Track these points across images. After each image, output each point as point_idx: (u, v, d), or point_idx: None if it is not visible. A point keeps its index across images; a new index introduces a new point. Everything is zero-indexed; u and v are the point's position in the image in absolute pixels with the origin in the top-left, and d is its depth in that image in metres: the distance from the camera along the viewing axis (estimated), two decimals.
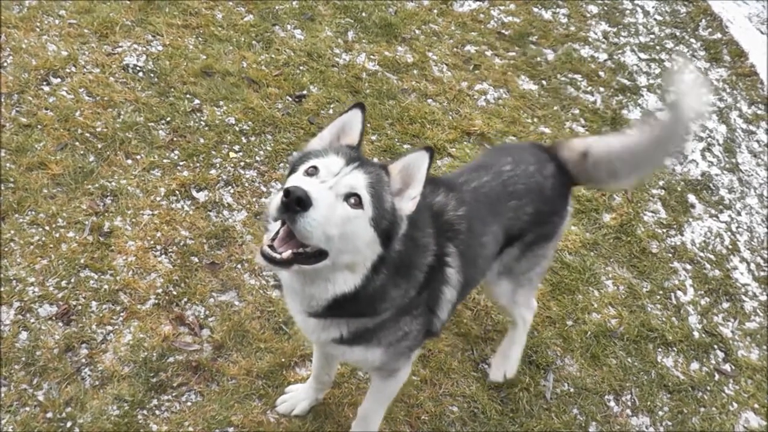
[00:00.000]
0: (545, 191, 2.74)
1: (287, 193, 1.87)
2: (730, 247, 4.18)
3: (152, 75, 4.22)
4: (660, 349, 3.62)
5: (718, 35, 5.53)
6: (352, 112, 2.24)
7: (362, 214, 2.03)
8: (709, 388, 3.53)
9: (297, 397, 3.04)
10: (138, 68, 4.24)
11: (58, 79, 4.09)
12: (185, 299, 3.31)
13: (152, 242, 3.49)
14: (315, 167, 2.04)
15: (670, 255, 4.04)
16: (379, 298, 2.21)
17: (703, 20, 5.64)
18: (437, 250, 2.34)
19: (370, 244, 2.08)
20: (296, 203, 1.87)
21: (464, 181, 2.63)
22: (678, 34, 5.49)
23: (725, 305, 3.89)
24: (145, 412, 2.94)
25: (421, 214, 2.24)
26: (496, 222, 2.64)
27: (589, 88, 4.85)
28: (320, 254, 2.01)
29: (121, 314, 3.20)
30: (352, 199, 2.01)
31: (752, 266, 4.11)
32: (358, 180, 2.03)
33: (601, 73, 4.97)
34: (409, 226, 2.17)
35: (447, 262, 2.42)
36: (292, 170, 2.16)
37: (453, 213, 2.48)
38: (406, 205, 2.13)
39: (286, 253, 1.97)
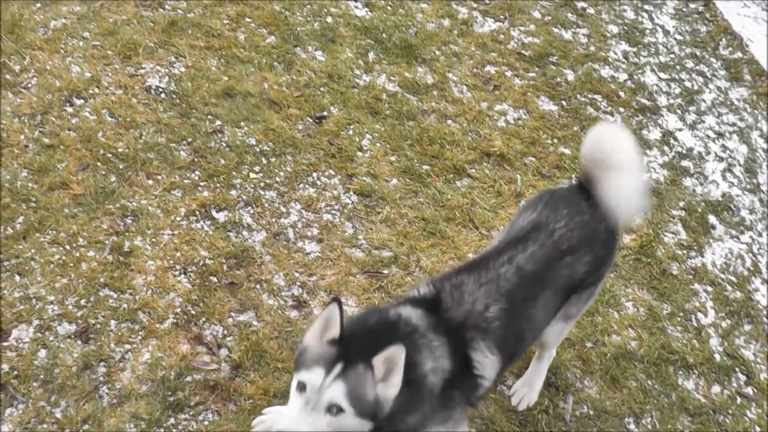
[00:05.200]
0: (600, 236, 2.79)
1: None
2: (751, 268, 4.13)
3: (174, 96, 4.28)
4: (681, 372, 3.58)
5: (739, 54, 5.50)
6: (330, 307, 2.37)
7: (345, 415, 2.28)
8: (731, 411, 3.48)
9: (277, 415, 3.02)
10: (160, 89, 4.29)
11: (81, 100, 4.15)
12: (204, 319, 3.33)
13: (172, 262, 3.52)
14: (303, 384, 2.30)
15: (691, 276, 4.01)
16: None
17: (723, 39, 5.61)
18: (457, 364, 2.48)
19: (359, 426, 2.32)
20: None
21: (507, 260, 2.65)
22: (698, 53, 5.46)
23: (747, 327, 3.84)
24: (162, 430, 2.96)
25: (419, 354, 2.43)
26: (548, 288, 2.69)
27: (609, 108, 4.84)
28: None
29: (140, 333, 3.23)
30: (334, 408, 2.26)
31: None
32: (337, 392, 2.26)
33: (621, 94, 4.96)
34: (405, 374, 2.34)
35: (475, 365, 2.53)
36: (296, 366, 2.40)
37: (480, 316, 2.55)
38: (390, 390, 2.31)
39: None
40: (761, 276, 4.11)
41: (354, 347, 2.31)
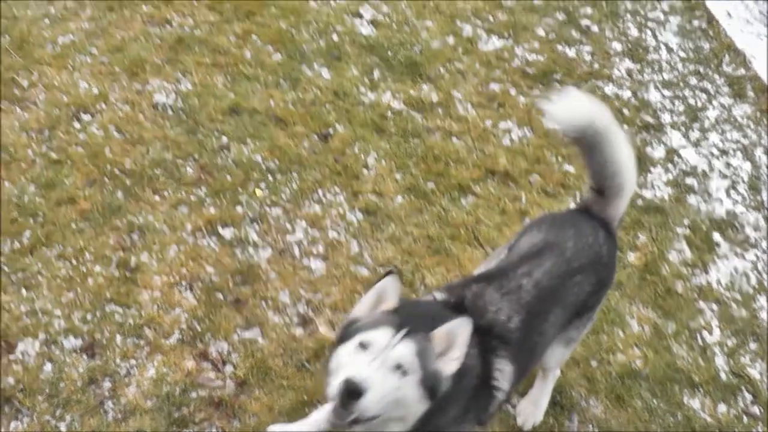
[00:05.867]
0: (603, 258, 2.81)
1: (342, 385, 2.12)
2: (756, 286, 4.13)
3: (181, 113, 4.30)
4: (686, 391, 3.57)
5: (742, 71, 5.52)
6: (386, 279, 2.36)
7: (410, 379, 2.21)
8: (737, 431, 3.47)
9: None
10: (167, 106, 4.32)
11: (89, 116, 4.19)
12: (209, 335, 3.34)
13: (178, 278, 3.54)
14: (366, 341, 2.22)
15: (696, 295, 4.01)
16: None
17: (727, 56, 5.63)
18: (482, 369, 2.47)
19: (418, 401, 2.25)
20: (351, 395, 2.12)
21: (527, 272, 2.65)
22: (701, 70, 5.48)
23: (753, 346, 3.84)
24: None
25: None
26: (559, 304, 2.70)
27: None
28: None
29: (145, 348, 3.24)
30: (401, 369, 2.19)
31: None
32: (405, 351, 2.20)
33: (625, 111, 4.98)
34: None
35: (495, 375, 2.52)
36: (342, 338, 2.32)
37: (504, 325, 2.55)
38: (449, 366, 2.28)
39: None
40: (766, 294, 4.11)
41: (412, 319, 2.28)
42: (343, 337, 2.32)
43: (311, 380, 3.22)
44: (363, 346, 2.22)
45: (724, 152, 4.90)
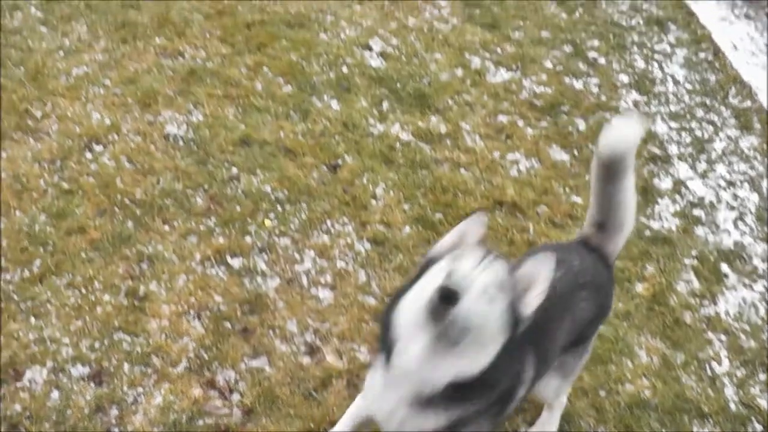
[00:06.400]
0: (603, 287, 2.84)
1: (437, 291, 2.04)
2: (765, 317, 4.11)
3: (192, 143, 4.36)
4: (696, 421, 3.54)
5: (748, 103, 5.54)
6: (470, 219, 2.34)
7: (495, 307, 2.13)
8: None
9: None
10: (178, 137, 4.38)
11: (101, 147, 4.24)
12: (216, 363, 3.35)
13: (186, 307, 3.55)
14: (452, 272, 2.13)
15: (704, 325, 3.99)
16: (489, 384, 2.28)
17: (733, 88, 5.66)
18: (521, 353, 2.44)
19: (499, 333, 2.17)
20: (447, 300, 2.04)
21: None
22: (708, 102, 5.51)
23: (762, 377, 3.81)
24: None
25: None
26: (569, 314, 2.70)
27: None
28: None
29: (153, 377, 3.25)
30: (487, 294, 2.11)
31: None
32: (491, 277, 2.14)
33: None
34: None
35: (525, 365, 2.50)
36: (421, 272, 2.28)
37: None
38: (529, 303, 2.22)
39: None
40: None
41: (495, 253, 2.23)
42: (421, 272, 2.26)
43: (318, 409, 3.22)
44: (448, 275, 2.10)
45: (731, 184, 4.91)
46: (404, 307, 2.22)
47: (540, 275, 2.24)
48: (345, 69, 5.08)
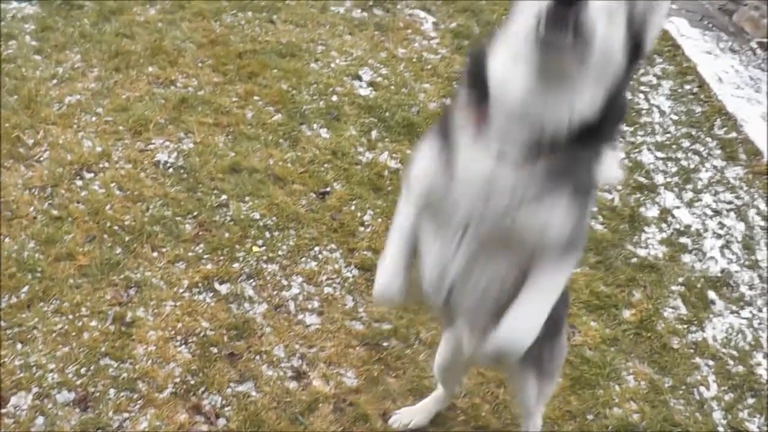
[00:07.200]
0: None
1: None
2: (752, 343, 4.13)
3: (182, 171, 4.38)
4: None
5: (734, 134, 5.62)
6: None
7: (617, 29, 1.74)
8: None
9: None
10: (169, 164, 4.41)
11: (91, 174, 4.27)
12: (203, 389, 3.34)
13: (173, 332, 3.55)
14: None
15: (692, 351, 4.00)
16: (602, 134, 1.90)
17: (718, 119, 5.74)
18: None
19: (619, 51, 1.76)
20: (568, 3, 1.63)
21: None
22: (693, 133, 5.58)
23: (750, 401, 3.82)
24: None
25: None
26: None
27: (607, 186, 4.92)
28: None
29: (139, 402, 3.23)
30: (609, 10, 1.70)
31: None
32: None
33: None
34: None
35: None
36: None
37: None
38: (656, 20, 1.82)
39: None
40: (763, 350, 4.11)
41: None
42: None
43: None
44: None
45: (717, 212, 4.96)
46: (499, 47, 1.82)
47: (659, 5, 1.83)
48: (335, 98, 5.14)
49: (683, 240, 4.67)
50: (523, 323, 2.03)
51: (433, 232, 2.11)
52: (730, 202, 5.05)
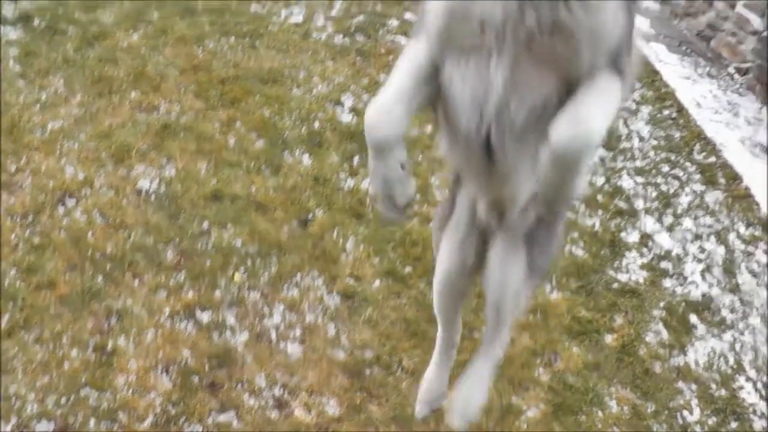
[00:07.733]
0: None
1: None
2: (734, 366, 4.16)
3: (164, 198, 4.38)
4: None
5: (713, 159, 5.68)
6: None
7: None
8: None
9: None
10: (151, 191, 4.40)
11: (74, 201, 4.25)
12: (183, 418, 3.32)
13: (154, 362, 3.53)
14: None
15: (674, 375, 4.03)
16: None
17: (697, 144, 5.80)
18: None
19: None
20: None
21: None
22: (673, 158, 5.64)
23: (734, 425, 3.85)
24: None
25: None
26: None
27: (588, 211, 4.95)
28: None
29: None
30: None
31: (758, 385, 4.09)
32: None
33: (599, 197, 5.09)
34: None
35: None
36: None
37: None
38: None
39: None
40: (745, 374, 4.14)
41: None
42: None
43: None
44: None
45: (697, 237, 5.00)
46: None
47: None
48: (317, 124, 5.15)
49: (664, 264, 4.71)
50: (590, 114, 1.74)
51: (461, 64, 1.86)
52: (710, 226, 5.09)
